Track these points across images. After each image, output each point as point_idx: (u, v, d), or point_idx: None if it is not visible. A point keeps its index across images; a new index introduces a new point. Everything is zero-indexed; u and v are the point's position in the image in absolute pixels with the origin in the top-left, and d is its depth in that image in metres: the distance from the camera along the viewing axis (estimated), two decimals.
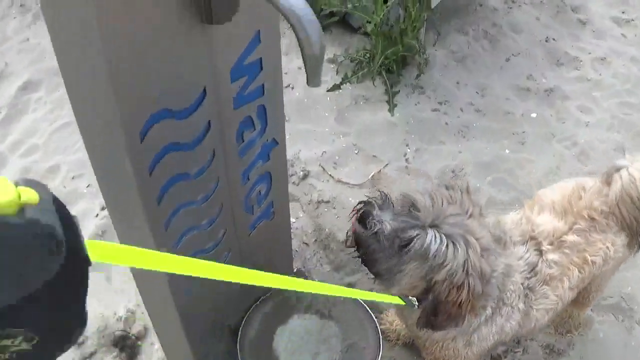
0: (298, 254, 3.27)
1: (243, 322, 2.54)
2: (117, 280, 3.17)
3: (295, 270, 3.08)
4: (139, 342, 2.93)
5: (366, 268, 2.09)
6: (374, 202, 2.03)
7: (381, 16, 3.78)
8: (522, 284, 2.22)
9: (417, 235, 1.90)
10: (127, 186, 1.64)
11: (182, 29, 1.50)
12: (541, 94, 4.33)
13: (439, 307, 1.96)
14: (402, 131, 3.92)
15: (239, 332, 2.50)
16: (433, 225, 1.91)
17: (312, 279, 3.04)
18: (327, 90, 4.01)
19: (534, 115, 4.16)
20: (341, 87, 4.05)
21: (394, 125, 3.94)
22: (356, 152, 3.78)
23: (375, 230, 1.93)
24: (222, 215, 2.08)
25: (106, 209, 3.37)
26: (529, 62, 4.57)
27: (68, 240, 0.78)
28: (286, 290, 2.66)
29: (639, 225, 2.40)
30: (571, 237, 2.31)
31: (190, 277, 1.12)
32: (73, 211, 2.81)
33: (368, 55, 4.12)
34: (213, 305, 2.37)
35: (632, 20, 5.14)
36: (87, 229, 3.35)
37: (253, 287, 2.45)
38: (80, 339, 2.90)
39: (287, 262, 2.87)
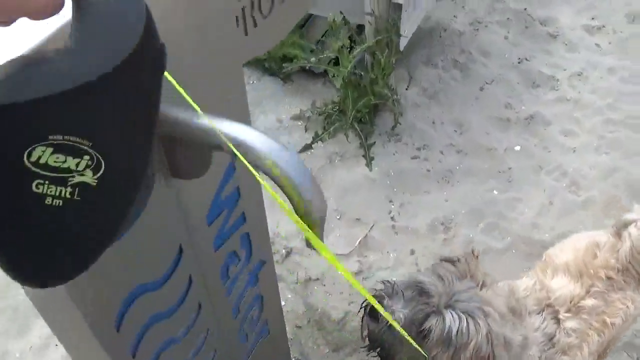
0: (292, 341, 3.06)
1: None
2: None
3: None
4: None
5: None
6: (382, 293, 1.96)
7: (348, 68, 3.57)
8: (539, 357, 2.10)
9: (436, 322, 1.85)
10: None
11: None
12: (522, 122, 4.15)
13: None
14: (383, 186, 3.72)
15: None
16: (448, 306, 1.86)
17: None
18: (298, 152, 3.78)
19: (517, 148, 3.99)
20: (312, 146, 3.83)
21: (374, 181, 3.74)
22: (338, 217, 3.57)
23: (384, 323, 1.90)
24: (217, 355, 1.86)
25: None
26: (504, 88, 4.39)
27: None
28: None
29: None
30: (589, 302, 2.24)
31: None
32: (46, 326, 2.54)
33: (337, 108, 3.91)
34: None
35: (603, 26, 4.94)
36: None
37: None
38: None
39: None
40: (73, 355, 1.56)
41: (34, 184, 0.72)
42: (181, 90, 1.02)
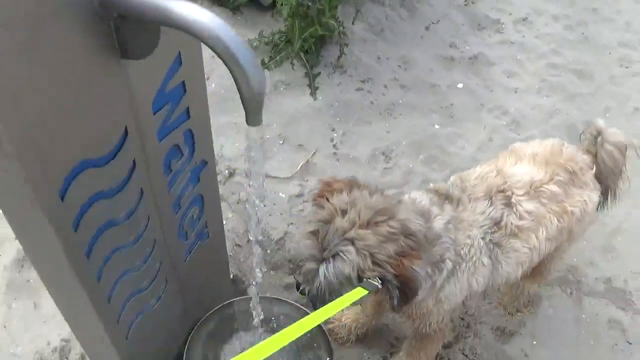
0: (232, 257, 3.13)
1: (187, 347, 2.40)
2: (46, 307, 2.98)
3: (232, 276, 2.96)
4: None
5: None
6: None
7: None
8: (482, 238, 2.21)
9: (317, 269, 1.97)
10: (52, 247, 1.47)
11: (95, 70, 1.34)
12: (465, 62, 4.27)
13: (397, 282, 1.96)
14: (327, 115, 3.80)
15: (184, 357, 2.37)
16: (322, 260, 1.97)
17: (249, 284, 2.90)
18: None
19: (460, 85, 4.10)
20: None
21: (318, 110, 3.81)
22: (281, 142, 3.64)
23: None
24: (156, 250, 1.93)
25: None
26: (449, 28, 4.50)
27: None
28: (228, 307, 2.55)
29: (615, 183, 2.57)
30: (552, 187, 2.34)
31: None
32: None
33: (284, 37, 3.95)
34: (156, 341, 2.22)
35: None
36: (9, 254, 3.12)
37: (192, 308, 2.34)
38: None
39: (224, 275, 2.74)
40: (22, 239, 1.61)
41: None
42: None
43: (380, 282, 1.96)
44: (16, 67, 1.14)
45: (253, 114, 1.43)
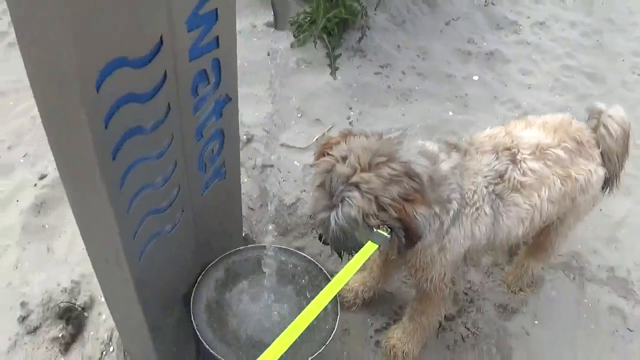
0: (245, 219, 3.20)
1: (194, 289, 2.46)
2: (59, 251, 3.06)
3: (243, 235, 3.03)
4: (86, 313, 2.82)
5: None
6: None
7: None
8: (486, 187, 2.29)
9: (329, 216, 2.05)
10: (82, 140, 1.55)
11: None
12: (482, 57, 4.36)
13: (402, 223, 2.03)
14: (345, 95, 3.89)
15: (192, 299, 2.42)
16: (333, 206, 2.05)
17: (260, 244, 2.97)
18: (268, 54, 3.93)
19: (475, 78, 4.19)
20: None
21: (337, 89, 3.91)
22: (299, 115, 3.73)
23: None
24: (176, 172, 2.01)
25: (45, 179, 3.27)
26: (469, 25, 4.60)
27: None
28: (237, 254, 2.60)
29: (620, 164, 2.60)
30: (558, 152, 2.41)
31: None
32: (10, 181, 2.68)
33: (309, 18, 4.06)
34: (167, 273, 2.29)
35: None
36: (27, 200, 3.21)
37: (203, 250, 2.40)
38: (24, 313, 2.78)
39: (237, 226, 2.81)
40: (54, 130, 1.69)
41: None
42: None
43: (389, 231, 2.04)
44: None
45: (282, 18, 1.51)
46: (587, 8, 5.03)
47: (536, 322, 3.01)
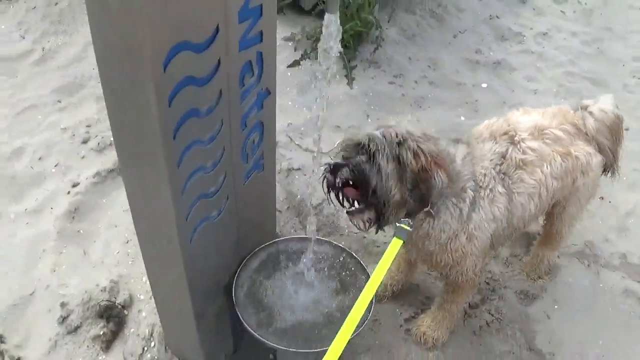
0: None
1: (236, 277, 2.56)
2: (95, 254, 3.17)
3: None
4: (126, 311, 2.92)
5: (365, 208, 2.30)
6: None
7: None
8: (493, 169, 2.44)
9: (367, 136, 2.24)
10: (148, 117, 1.68)
11: None
12: (489, 66, 4.53)
13: (418, 181, 2.20)
14: (361, 103, 4.04)
15: (233, 285, 2.53)
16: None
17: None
18: (287, 66, 4.10)
19: (484, 85, 4.36)
20: (300, 63, 4.15)
21: (354, 98, 4.06)
22: (320, 122, 3.86)
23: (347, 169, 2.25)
24: (224, 159, 2.13)
25: (77, 187, 3.40)
26: (475, 37, 4.78)
27: None
28: (272, 246, 2.71)
29: (615, 153, 2.77)
30: (557, 132, 2.57)
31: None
32: (43, 190, 2.81)
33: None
34: (212, 260, 2.40)
35: None
36: (61, 207, 3.33)
37: (244, 241, 2.51)
38: (64, 313, 2.88)
39: (272, 220, 2.92)
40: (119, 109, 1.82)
41: None
42: None
43: (410, 224, 2.24)
44: None
45: (333, 3, 1.66)
46: (587, 18, 5.24)
47: (556, 306, 3.13)
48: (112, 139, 3.52)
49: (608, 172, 2.85)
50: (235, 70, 2.01)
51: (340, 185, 2.26)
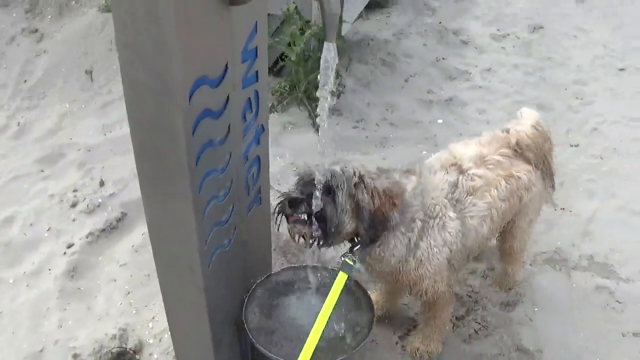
0: None
1: (245, 305, 2.71)
2: (99, 308, 3.30)
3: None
4: (137, 356, 3.06)
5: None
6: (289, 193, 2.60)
7: (301, 45, 4.19)
8: (445, 197, 2.72)
9: (329, 172, 2.55)
10: (175, 145, 1.90)
11: (213, 13, 1.86)
12: (442, 103, 4.88)
13: (373, 217, 2.49)
14: (329, 147, 4.28)
15: (243, 313, 2.68)
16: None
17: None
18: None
19: (440, 121, 4.69)
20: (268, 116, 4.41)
21: (322, 143, 4.30)
22: (294, 169, 4.11)
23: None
24: (232, 189, 2.34)
25: (72, 247, 3.54)
26: (425, 79, 5.14)
27: None
28: (275, 275, 2.89)
29: (548, 163, 3.07)
30: (497, 157, 2.87)
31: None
32: (38, 253, 3.04)
33: (288, 86, 4.50)
34: (225, 287, 2.57)
35: (508, 35, 5.92)
36: (59, 267, 3.47)
37: (247, 273, 2.69)
38: None
39: (268, 251, 3.08)
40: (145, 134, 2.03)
41: None
42: None
43: (354, 263, 2.52)
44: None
45: (330, 30, 1.92)
46: (526, 51, 5.68)
47: (536, 309, 3.39)
48: (100, 200, 3.75)
49: (550, 184, 3.16)
50: (239, 106, 2.24)
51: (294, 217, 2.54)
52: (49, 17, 5.41)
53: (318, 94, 2.18)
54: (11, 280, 3.45)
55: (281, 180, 4.01)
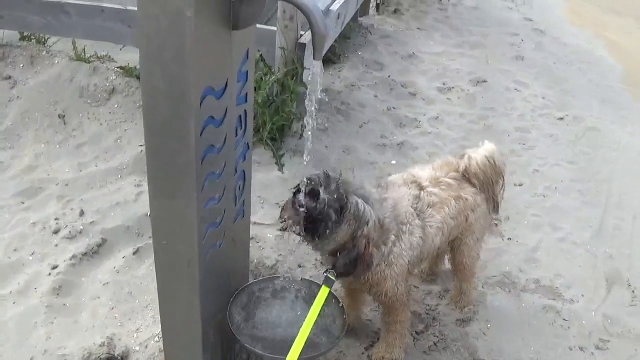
0: None
1: (229, 307, 2.98)
2: (86, 322, 3.52)
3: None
4: None
5: (308, 237, 2.82)
6: (317, 179, 2.89)
7: (266, 89, 4.58)
8: (412, 206, 3.08)
9: (354, 201, 2.75)
10: (185, 145, 2.24)
11: (220, 34, 2.26)
12: (394, 147, 5.32)
13: (359, 258, 2.79)
14: (293, 183, 4.61)
15: (228, 314, 2.94)
16: (356, 194, 2.78)
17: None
18: None
19: (393, 162, 5.12)
20: None
21: (286, 180, 4.67)
22: (261, 202, 4.45)
23: (324, 201, 2.73)
24: (225, 194, 2.66)
25: (56, 268, 3.77)
26: (378, 126, 5.58)
27: None
28: (255, 284, 3.18)
29: (493, 191, 3.42)
30: (447, 180, 3.27)
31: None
32: (24, 276, 3.59)
33: (253, 128, 4.85)
34: (215, 287, 2.84)
35: (453, 87, 6.50)
36: (44, 286, 3.68)
37: (233, 280, 2.98)
38: None
39: (246, 263, 3.37)
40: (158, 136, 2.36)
41: None
42: None
43: (335, 276, 2.82)
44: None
45: (318, 50, 2.30)
46: (470, 102, 6.24)
47: (489, 325, 3.74)
48: (81, 227, 4.00)
49: (492, 207, 3.52)
50: (232, 120, 2.58)
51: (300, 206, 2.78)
52: (21, 65, 5.66)
53: (307, 104, 2.50)
54: None
55: (251, 211, 4.32)
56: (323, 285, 2.80)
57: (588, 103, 6.94)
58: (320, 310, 2.73)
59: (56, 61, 5.67)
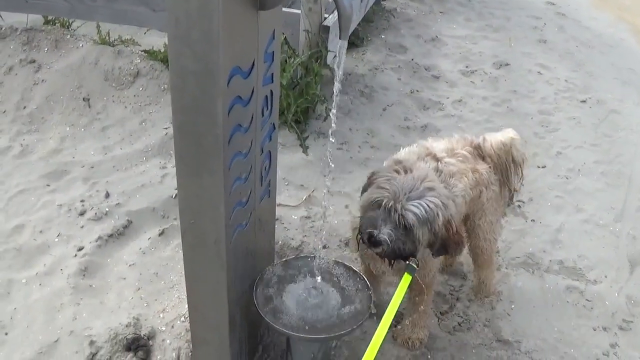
0: None
1: (255, 286, 2.99)
2: (112, 303, 3.55)
3: None
4: (151, 342, 3.30)
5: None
6: (375, 220, 2.82)
7: (291, 72, 4.58)
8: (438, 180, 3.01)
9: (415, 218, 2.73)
10: (213, 125, 2.23)
11: (248, 14, 2.25)
12: (418, 129, 5.29)
13: (447, 243, 2.83)
14: (317, 166, 4.66)
15: (254, 291, 2.95)
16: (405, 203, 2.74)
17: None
18: None
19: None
20: None
21: (310, 162, 4.68)
22: (286, 184, 4.46)
23: (387, 242, 2.73)
24: (251, 174, 2.67)
25: (82, 250, 3.80)
26: (402, 109, 5.56)
27: None
28: (282, 264, 3.18)
29: (507, 177, 3.39)
30: (464, 152, 3.22)
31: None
32: (50, 257, 3.58)
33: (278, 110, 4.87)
34: (242, 268, 2.85)
35: (476, 70, 6.45)
36: (70, 268, 3.72)
37: (259, 261, 2.99)
38: (93, 350, 3.25)
39: (272, 245, 3.38)
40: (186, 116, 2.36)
41: None
42: None
43: (417, 265, 2.81)
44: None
45: (344, 30, 2.29)
46: (494, 85, 6.19)
47: (513, 306, 3.73)
48: (107, 209, 4.03)
49: (507, 194, 3.49)
50: (260, 101, 2.58)
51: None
52: (46, 49, 5.69)
53: (335, 82, 2.49)
54: (24, 281, 3.67)
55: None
56: (406, 273, 2.79)
57: (610, 86, 6.88)
58: (339, 284, 2.86)
59: (80, 45, 5.69)
